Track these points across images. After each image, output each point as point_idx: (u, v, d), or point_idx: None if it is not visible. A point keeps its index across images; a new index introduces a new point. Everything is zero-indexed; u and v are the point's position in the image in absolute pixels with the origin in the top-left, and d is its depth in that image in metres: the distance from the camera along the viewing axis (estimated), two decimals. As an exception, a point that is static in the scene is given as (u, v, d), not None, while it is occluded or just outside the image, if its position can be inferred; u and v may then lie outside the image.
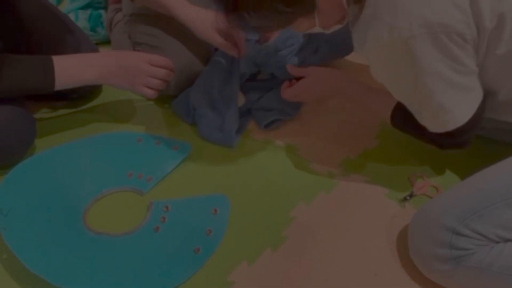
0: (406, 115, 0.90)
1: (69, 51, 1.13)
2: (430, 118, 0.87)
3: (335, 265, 0.89)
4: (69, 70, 1.03)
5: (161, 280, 0.86)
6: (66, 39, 1.17)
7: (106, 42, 1.44)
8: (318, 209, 0.98)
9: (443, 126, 0.86)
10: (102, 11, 1.48)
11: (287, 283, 0.86)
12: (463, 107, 0.83)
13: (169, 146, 1.11)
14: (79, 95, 1.22)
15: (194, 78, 1.18)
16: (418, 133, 0.92)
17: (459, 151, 0.98)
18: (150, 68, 1.08)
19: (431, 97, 0.82)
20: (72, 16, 1.42)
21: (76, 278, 0.84)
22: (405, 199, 0.99)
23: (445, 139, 0.88)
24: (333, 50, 1.27)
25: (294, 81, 1.12)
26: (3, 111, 1.00)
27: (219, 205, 0.98)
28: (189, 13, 1.11)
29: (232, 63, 1.17)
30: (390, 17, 0.77)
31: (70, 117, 1.22)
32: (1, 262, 0.88)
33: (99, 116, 1.22)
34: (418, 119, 0.89)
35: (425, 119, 0.88)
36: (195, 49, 1.18)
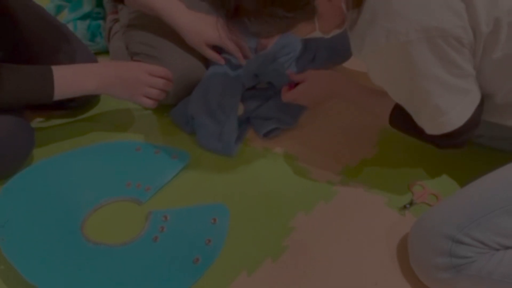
0: (404, 115, 0.91)
1: (67, 60, 1.13)
2: (427, 120, 0.87)
3: (335, 274, 0.88)
4: (68, 80, 1.03)
5: (160, 290, 0.85)
6: (64, 48, 1.17)
7: (105, 52, 1.44)
8: (318, 218, 0.98)
9: (439, 128, 0.86)
10: (101, 21, 1.48)
11: (287, 293, 0.85)
12: (460, 109, 0.84)
13: (167, 155, 1.11)
14: (77, 104, 1.22)
15: (193, 87, 1.18)
16: (416, 133, 0.92)
17: (457, 155, 0.98)
18: (149, 78, 1.08)
19: (427, 100, 0.83)
20: (70, 26, 1.42)
21: (74, 289, 0.83)
22: (405, 207, 0.99)
23: (442, 140, 0.89)
24: (330, 57, 1.27)
25: (293, 84, 1.13)
26: (1, 120, 0.99)
27: (218, 214, 0.98)
28: (182, 23, 1.14)
29: (232, 71, 1.18)
30: (387, 22, 0.78)
31: (68, 126, 1.21)
32: (-2, 273, 0.87)
33: (97, 125, 1.22)
34: (416, 120, 0.89)
35: (422, 121, 0.88)
36: (192, 57, 1.18)
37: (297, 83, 1.12)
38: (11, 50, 1.13)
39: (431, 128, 0.88)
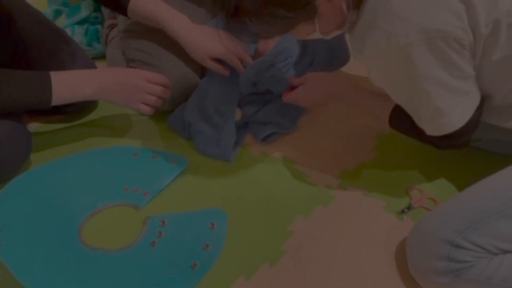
0: (404, 116, 0.91)
1: (65, 65, 1.13)
2: (428, 121, 0.87)
3: (333, 279, 0.88)
4: (66, 86, 1.03)
5: (157, 295, 0.85)
6: (62, 53, 1.17)
7: (102, 57, 1.44)
8: (316, 222, 0.98)
9: (440, 129, 0.86)
10: (99, 26, 1.48)
11: (285, 297, 0.85)
12: (460, 110, 0.84)
13: (165, 160, 1.11)
14: (75, 109, 1.22)
15: (189, 93, 1.18)
16: (416, 134, 0.93)
17: (455, 159, 0.97)
18: (147, 85, 1.09)
19: (428, 101, 0.83)
20: (68, 31, 1.42)
21: (71, 294, 0.83)
22: (403, 211, 0.99)
23: (443, 141, 0.89)
24: (328, 62, 1.27)
25: (293, 88, 1.13)
26: (-1, 125, 0.99)
27: (216, 219, 0.97)
28: (185, 39, 1.14)
29: (229, 77, 1.18)
30: (388, 24, 0.78)
31: (66, 131, 1.21)
32: (-5, 278, 0.87)
33: (95, 130, 1.22)
34: (416, 121, 0.89)
35: (422, 122, 0.88)
36: (188, 63, 1.18)
37: (297, 86, 1.12)
38: (10, 54, 1.13)
39: (431, 129, 0.88)
